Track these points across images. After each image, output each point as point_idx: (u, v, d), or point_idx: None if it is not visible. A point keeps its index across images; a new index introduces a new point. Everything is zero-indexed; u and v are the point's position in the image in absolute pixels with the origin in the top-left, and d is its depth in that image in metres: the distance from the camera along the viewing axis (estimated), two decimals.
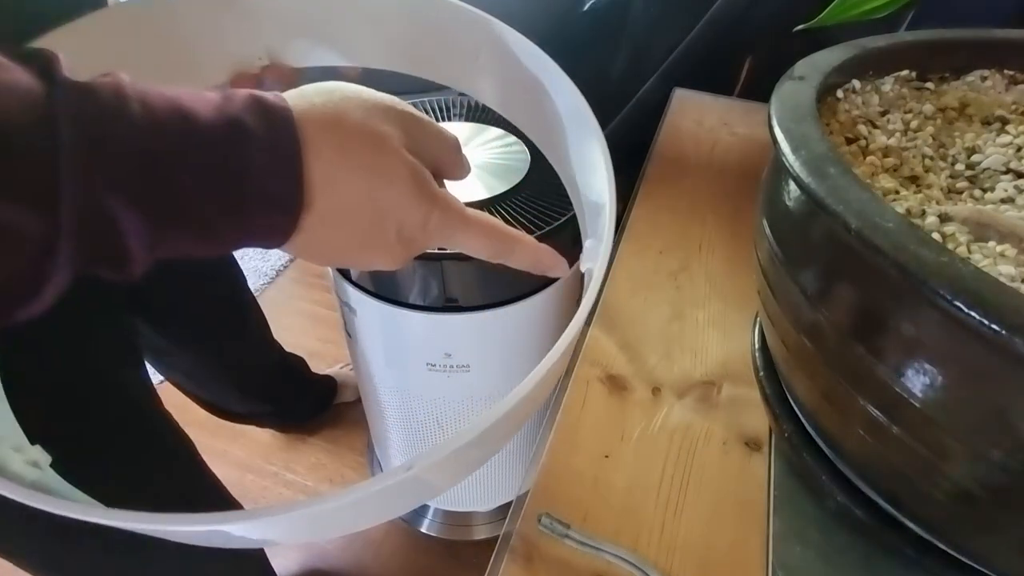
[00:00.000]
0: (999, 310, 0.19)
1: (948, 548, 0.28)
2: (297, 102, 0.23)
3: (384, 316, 0.63)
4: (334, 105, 0.24)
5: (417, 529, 1.07)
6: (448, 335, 0.63)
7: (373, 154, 0.24)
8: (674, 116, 0.84)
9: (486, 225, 0.28)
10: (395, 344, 0.67)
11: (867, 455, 0.30)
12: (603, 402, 0.49)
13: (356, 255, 0.26)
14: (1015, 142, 0.31)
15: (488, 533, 1.06)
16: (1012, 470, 0.22)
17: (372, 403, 0.86)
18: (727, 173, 0.75)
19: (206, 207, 0.21)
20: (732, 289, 0.59)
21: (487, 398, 0.72)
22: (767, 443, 0.45)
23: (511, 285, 0.62)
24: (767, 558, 0.37)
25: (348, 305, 0.66)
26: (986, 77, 0.37)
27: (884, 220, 0.22)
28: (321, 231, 0.24)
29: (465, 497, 0.98)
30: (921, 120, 0.33)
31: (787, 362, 0.34)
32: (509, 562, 0.39)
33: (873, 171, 0.30)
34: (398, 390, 0.74)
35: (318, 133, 0.23)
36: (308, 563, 1.04)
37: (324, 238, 0.24)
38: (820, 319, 0.27)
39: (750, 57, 0.91)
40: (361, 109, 0.25)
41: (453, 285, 0.58)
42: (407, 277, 0.59)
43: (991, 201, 0.28)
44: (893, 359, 0.24)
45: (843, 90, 0.35)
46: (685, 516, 0.41)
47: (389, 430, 0.87)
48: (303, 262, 1.66)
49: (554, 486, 0.43)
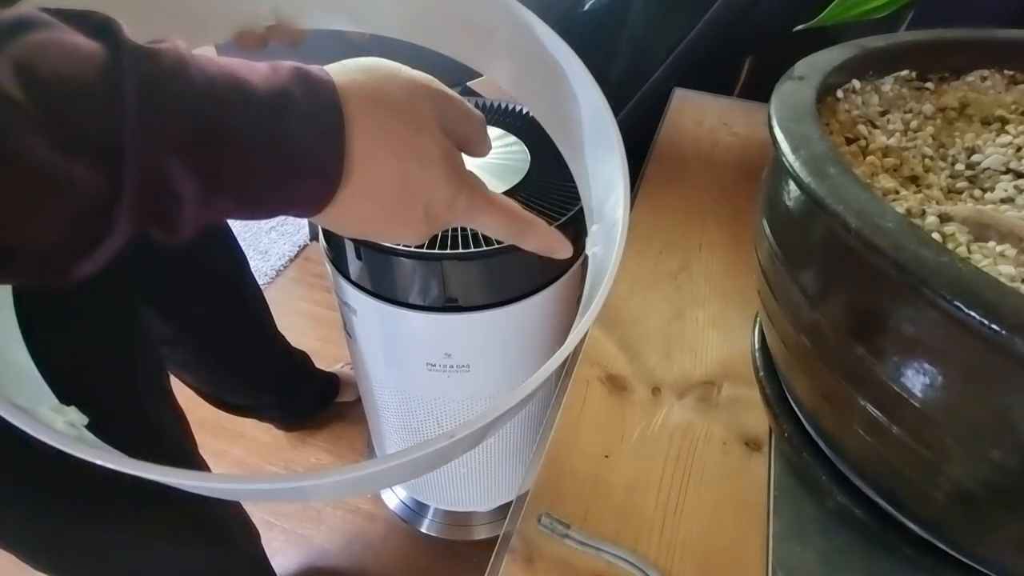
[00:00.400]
0: (999, 310, 0.19)
1: (948, 548, 0.28)
2: (340, 77, 0.24)
3: (384, 316, 0.63)
4: (376, 82, 0.24)
5: (417, 529, 1.07)
6: (448, 335, 0.63)
7: (411, 134, 0.25)
8: (674, 116, 0.84)
9: (506, 207, 0.29)
10: (395, 344, 0.67)
11: (867, 455, 0.30)
12: (603, 402, 0.49)
13: (383, 228, 0.27)
14: (1015, 142, 0.31)
15: (488, 533, 1.06)
16: (1012, 470, 0.22)
17: (372, 403, 0.86)
18: (727, 173, 0.75)
19: (255, 173, 0.22)
20: (732, 289, 0.59)
21: (487, 398, 0.72)
22: (767, 443, 0.45)
23: (511, 285, 0.62)
24: (767, 558, 0.37)
25: (348, 305, 0.66)
26: (986, 77, 0.37)
27: (884, 220, 0.22)
28: (355, 204, 0.25)
29: (465, 497, 0.98)
30: (921, 120, 0.33)
31: (787, 362, 0.34)
32: (509, 562, 0.39)
33: (873, 171, 0.30)
34: (398, 390, 0.74)
35: (360, 109, 0.23)
36: (308, 562, 1.04)
37: (356, 210, 0.25)
38: (820, 319, 0.27)
39: (750, 57, 0.91)
40: (401, 88, 0.25)
41: (453, 285, 0.58)
42: (407, 277, 0.59)
43: (991, 201, 0.28)
44: (893, 359, 0.24)
45: (843, 90, 0.35)
46: (685, 516, 0.41)
47: (389, 430, 0.86)
48: (303, 262, 1.66)
49: (554, 486, 0.43)
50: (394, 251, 0.56)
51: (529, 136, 0.71)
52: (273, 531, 1.06)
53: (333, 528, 1.08)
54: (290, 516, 1.09)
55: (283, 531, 1.07)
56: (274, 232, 1.74)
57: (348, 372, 1.30)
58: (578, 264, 0.69)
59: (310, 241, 1.72)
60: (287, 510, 1.09)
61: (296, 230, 1.74)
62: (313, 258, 1.67)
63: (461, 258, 0.55)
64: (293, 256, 1.67)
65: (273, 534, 1.06)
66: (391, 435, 0.88)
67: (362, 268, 0.61)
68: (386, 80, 0.25)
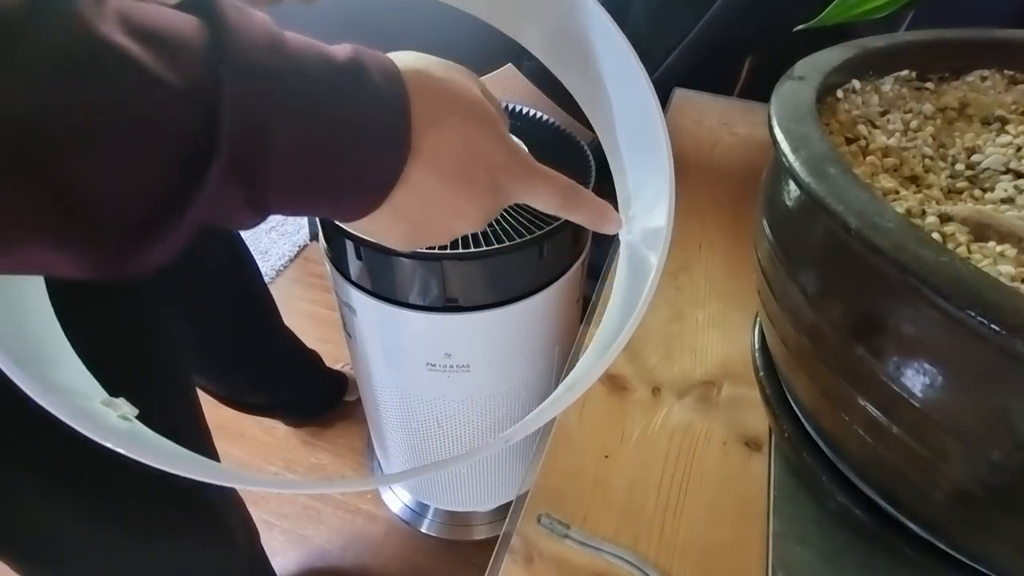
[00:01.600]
0: (999, 310, 0.19)
1: (948, 548, 0.28)
2: (392, 57, 0.25)
3: (384, 316, 0.63)
4: (417, 63, 0.26)
5: (417, 529, 1.07)
6: (448, 335, 0.63)
7: (464, 99, 0.26)
8: (674, 116, 0.84)
9: (560, 177, 0.30)
10: (395, 344, 0.67)
11: (867, 455, 0.30)
12: (603, 402, 0.49)
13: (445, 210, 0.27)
14: (1015, 142, 0.31)
15: (488, 533, 1.06)
16: (1012, 470, 0.22)
17: (372, 403, 0.86)
18: (727, 173, 0.75)
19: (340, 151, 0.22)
20: (732, 289, 0.59)
21: (487, 397, 0.72)
22: (767, 443, 0.45)
23: (511, 285, 0.62)
24: (767, 558, 0.37)
25: (348, 305, 0.66)
26: (986, 77, 0.36)
27: (884, 220, 0.22)
28: (422, 179, 0.25)
29: (465, 497, 0.98)
30: (921, 120, 0.33)
31: (787, 362, 0.34)
32: (509, 562, 0.39)
33: (873, 171, 0.30)
34: (398, 390, 0.74)
35: (416, 80, 0.25)
36: (308, 562, 1.04)
37: (422, 188, 0.25)
38: (820, 319, 0.27)
39: (750, 57, 0.91)
40: (439, 65, 0.27)
41: (453, 285, 0.58)
42: (407, 277, 0.59)
43: (991, 201, 0.28)
44: (893, 359, 0.24)
45: (843, 90, 0.35)
46: (685, 516, 0.41)
47: (389, 430, 0.87)
48: (303, 262, 1.66)
49: (554, 486, 0.43)
50: (394, 251, 0.56)
51: (530, 137, 0.71)
52: (273, 531, 1.06)
53: (333, 528, 1.08)
54: (290, 516, 1.09)
55: (283, 531, 1.07)
56: (274, 232, 1.74)
57: (348, 372, 1.30)
58: (578, 264, 0.69)
59: (310, 241, 1.72)
60: (287, 510, 1.10)
61: (296, 230, 1.74)
62: (313, 258, 1.67)
63: (461, 258, 0.55)
64: (293, 256, 1.68)
65: (273, 534, 1.06)
66: (392, 435, 0.88)
67: (362, 268, 0.61)
68: (421, 60, 0.26)
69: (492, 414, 0.74)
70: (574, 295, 0.72)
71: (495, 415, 0.74)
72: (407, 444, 0.86)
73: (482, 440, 0.80)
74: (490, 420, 0.75)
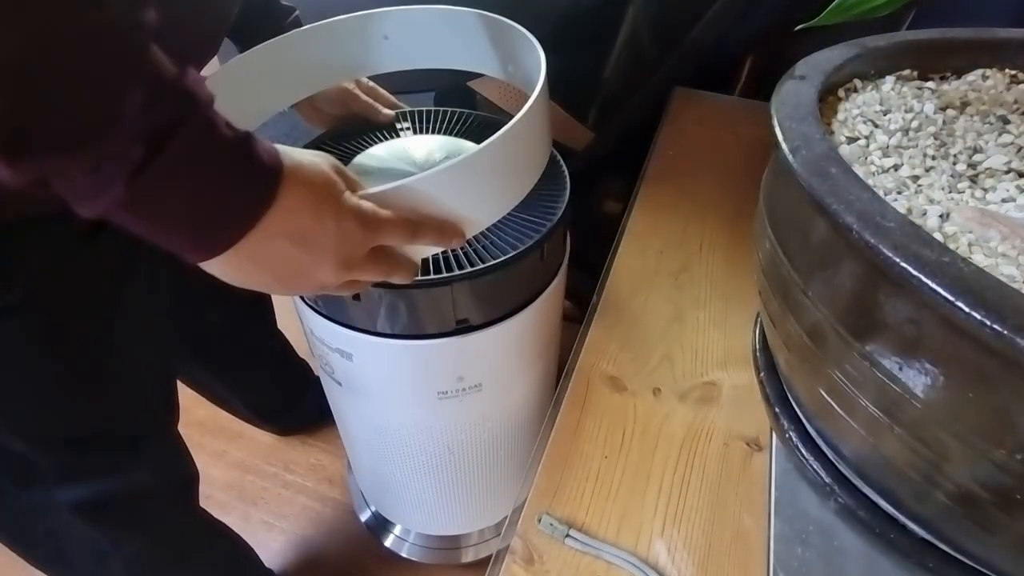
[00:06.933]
0: (1000, 310, 0.19)
1: (948, 548, 0.28)
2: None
3: (392, 353, 0.59)
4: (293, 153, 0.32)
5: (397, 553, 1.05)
6: (461, 357, 0.60)
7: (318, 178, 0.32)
8: (674, 116, 0.84)
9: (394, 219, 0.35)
10: (401, 380, 0.63)
11: (867, 455, 0.29)
12: (603, 402, 0.49)
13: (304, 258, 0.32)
14: (1016, 142, 0.31)
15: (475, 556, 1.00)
16: (1013, 470, 0.22)
17: (365, 453, 0.80)
18: (727, 173, 0.75)
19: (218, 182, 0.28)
20: (732, 289, 0.59)
21: (501, 412, 0.70)
22: (768, 443, 0.45)
23: (517, 294, 0.60)
24: (767, 558, 0.37)
25: (340, 351, 0.62)
26: (987, 76, 0.36)
27: (885, 220, 0.22)
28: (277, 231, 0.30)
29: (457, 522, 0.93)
30: (922, 120, 0.33)
31: (788, 362, 0.34)
32: (509, 563, 0.39)
33: (874, 171, 0.30)
34: (403, 426, 0.69)
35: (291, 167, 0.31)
36: (308, 563, 1.04)
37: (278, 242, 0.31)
38: (820, 319, 0.27)
39: (750, 57, 0.91)
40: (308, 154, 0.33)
41: (463, 306, 0.56)
42: (416, 307, 0.56)
43: (992, 201, 0.28)
44: (893, 359, 0.24)
45: (844, 89, 0.35)
46: (685, 516, 0.41)
47: (392, 472, 0.79)
48: None
49: (554, 486, 0.43)
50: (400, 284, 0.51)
51: None
52: (272, 532, 1.06)
53: (333, 529, 1.08)
54: (289, 517, 1.09)
55: (282, 532, 1.06)
56: None
57: None
58: (566, 259, 0.68)
59: None
60: (287, 511, 1.09)
61: None
62: None
63: (471, 276, 0.54)
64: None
65: (272, 535, 1.06)
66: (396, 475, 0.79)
67: (360, 308, 0.57)
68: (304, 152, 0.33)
69: (502, 426, 0.72)
70: (563, 290, 0.71)
71: (506, 426, 0.73)
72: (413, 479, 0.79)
73: (495, 461, 0.77)
74: (502, 434, 0.73)
